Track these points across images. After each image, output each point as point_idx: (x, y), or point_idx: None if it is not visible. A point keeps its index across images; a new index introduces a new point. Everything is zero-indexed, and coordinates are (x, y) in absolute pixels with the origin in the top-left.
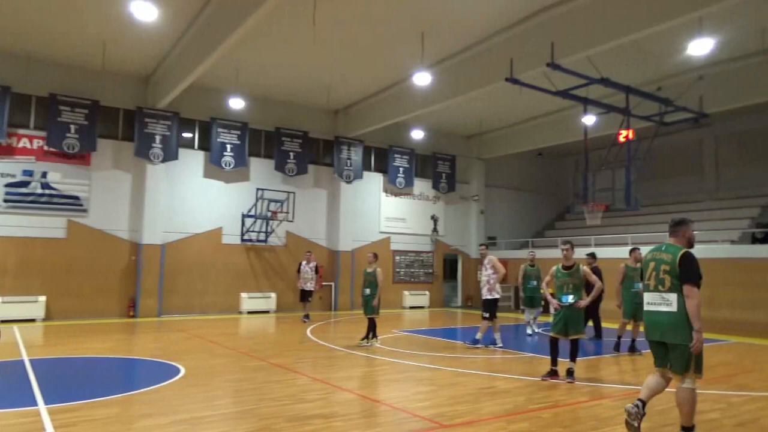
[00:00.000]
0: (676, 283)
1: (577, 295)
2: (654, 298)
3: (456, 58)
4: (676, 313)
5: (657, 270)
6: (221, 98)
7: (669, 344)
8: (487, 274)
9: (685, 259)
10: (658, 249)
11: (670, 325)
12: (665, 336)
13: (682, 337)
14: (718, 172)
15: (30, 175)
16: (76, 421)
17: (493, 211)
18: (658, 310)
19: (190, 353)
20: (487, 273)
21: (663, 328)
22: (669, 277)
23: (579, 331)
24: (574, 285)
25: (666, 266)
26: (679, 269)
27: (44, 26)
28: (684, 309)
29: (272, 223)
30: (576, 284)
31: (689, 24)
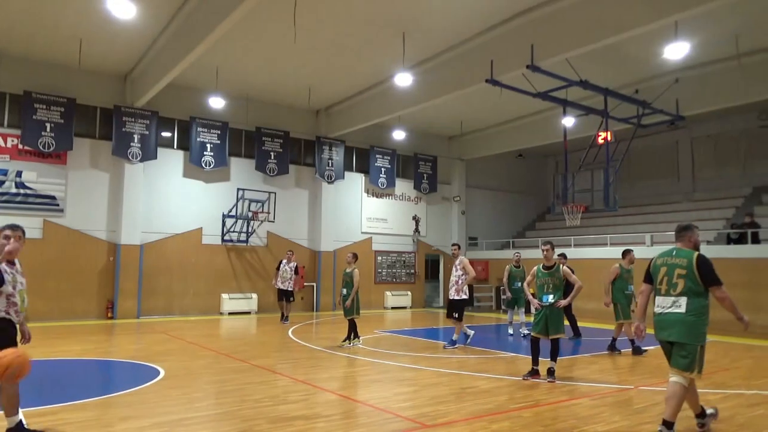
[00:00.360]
0: (690, 286)
1: (558, 295)
2: (665, 302)
3: (437, 59)
4: (684, 313)
5: (670, 275)
6: (201, 97)
7: (676, 343)
8: (457, 275)
9: (702, 262)
10: (669, 254)
11: (678, 325)
12: (673, 335)
13: (691, 338)
14: (694, 173)
15: (4, 174)
16: (54, 424)
17: (475, 212)
18: (669, 311)
19: (170, 355)
20: (457, 274)
21: (672, 328)
22: (683, 280)
23: (559, 331)
24: (554, 285)
25: (681, 270)
26: (699, 272)
27: (18, 22)
28: (693, 310)
29: (253, 223)
30: (556, 284)
31: (666, 28)
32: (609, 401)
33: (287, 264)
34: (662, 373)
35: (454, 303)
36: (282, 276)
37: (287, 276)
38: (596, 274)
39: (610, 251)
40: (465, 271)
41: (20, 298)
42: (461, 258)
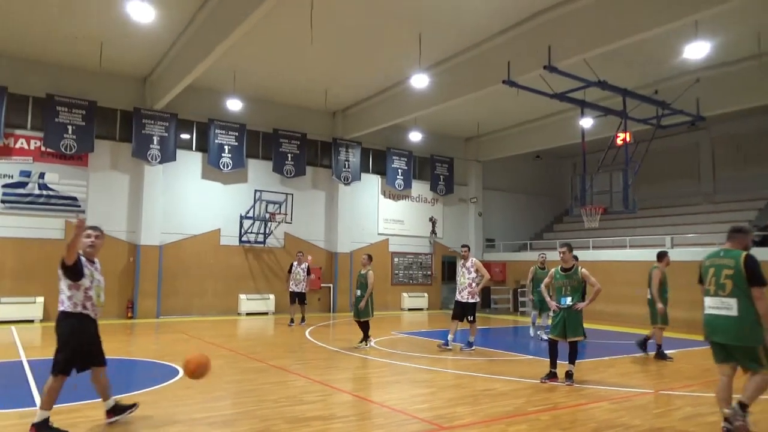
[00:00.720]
0: (739, 286)
1: (576, 297)
2: (714, 303)
3: (453, 61)
4: (737, 317)
5: (717, 275)
6: (219, 99)
7: (732, 346)
8: (471, 277)
9: (750, 262)
10: (716, 255)
11: (732, 330)
12: (729, 339)
13: (747, 340)
14: (715, 174)
15: (27, 175)
16: (75, 422)
17: (492, 214)
18: (719, 314)
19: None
20: (471, 276)
21: (726, 332)
22: (731, 281)
23: (578, 334)
24: (572, 287)
25: (729, 271)
26: (746, 271)
27: (41, 27)
28: (745, 312)
29: (270, 224)
30: (574, 286)
31: (685, 27)
32: (628, 405)
33: (298, 266)
34: (683, 378)
35: (469, 306)
36: (294, 278)
37: (300, 278)
38: (615, 276)
39: (630, 253)
40: (479, 273)
41: (96, 293)
42: (474, 260)
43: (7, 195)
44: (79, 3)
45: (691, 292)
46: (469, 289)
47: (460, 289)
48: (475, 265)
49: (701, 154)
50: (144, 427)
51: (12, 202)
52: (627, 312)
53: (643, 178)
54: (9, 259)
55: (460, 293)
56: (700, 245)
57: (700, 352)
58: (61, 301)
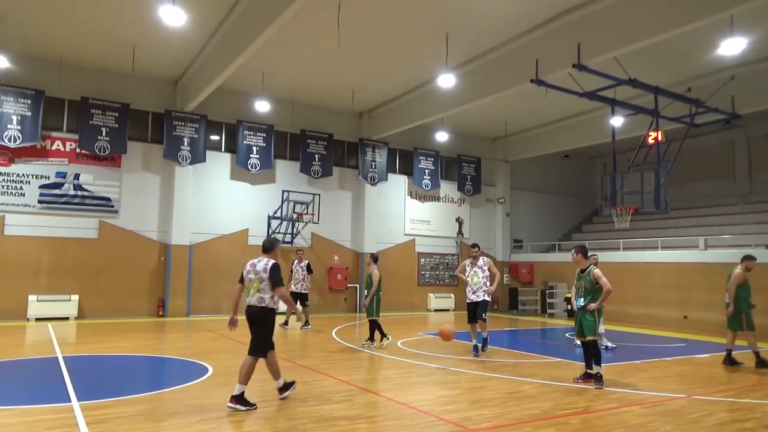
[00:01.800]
0: None
1: (588, 298)
2: None
3: (481, 60)
4: None
5: None
6: (247, 101)
7: None
8: (485, 276)
9: None
10: None
11: None
12: None
13: None
14: (751, 174)
15: (63, 176)
16: (108, 418)
17: (519, 214)
18: None
19: (218, 353)
20: (485, 275)
21: None
22: None
23: (591, 334)
24: (584, 288)
25: None
26: None
27: (76, 32)
28: None
29: (298, 224)
30: (587, 287)
31: (720, 23)
32: (660, 410)
33: (298, 264)
34: (717, 383)
35: (482, 304)
36: (294, 278)
37: (299, 277)
38: (647, 278)
39: (662, 255)
40: (491, 271)
41: None
42: (486, 258)
43: (44, 195)
44: (113, 9)
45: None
46: (485, 288)
47: (474, 289)
48: (488, 263)
49: (737, 153)
50: (173, 423)
51: (48, 203)
52: (659, 314)
53: (676, 177)
54: (45, 257)
55: (475, 293)
56: (735, 247)
57: (736, 356)
58: (264, 299)
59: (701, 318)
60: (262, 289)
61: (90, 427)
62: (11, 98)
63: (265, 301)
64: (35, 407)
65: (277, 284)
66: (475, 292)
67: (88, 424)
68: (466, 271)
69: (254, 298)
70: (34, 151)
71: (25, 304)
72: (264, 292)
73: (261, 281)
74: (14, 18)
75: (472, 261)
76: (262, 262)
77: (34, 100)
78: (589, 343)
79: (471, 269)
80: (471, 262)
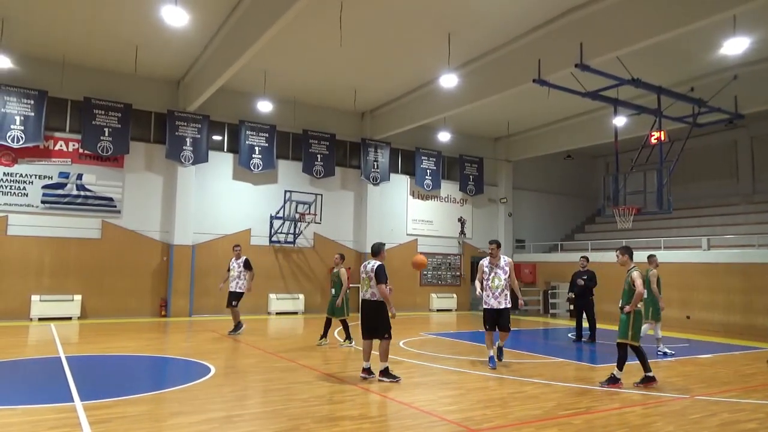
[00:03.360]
0: None
1: (624, 300)
2: None
3: (483, 60)
4: None
5: None
6: (250, 101)
7: None
8: (505, 278)
9: None
10: None
11: None
12: None
13: None
14: (755, 174)
15: (66, 177)
16: (110, 418)
17: (522, 214)
18: None
19: (220, 353)
20: (505, 277)
21: None
22: None
23: (623, 336)
24: (623, 291)
25: None
26: None
27: (79, 33)
28: None
29: (300, 224)
30: (625, 289)
31: (723, 23)
32: (663, 410)
33: (236, 260)
34: (720, 383)
35: (506, 312)
36: (231, 275)
37: (234, 274)
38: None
39: (664, 255)
40: (510, 273)
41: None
42: (508, 259)
43: (47, 195)
44: (116, 9)
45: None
46: (506, 292)
47: (494, 294)
48: (510, 265)
49: (740, 153)
50: (176, 424)
51: (51, 203)
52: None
53: (679, 177)
54: (48, 257)
55: (496, 298)
56: (738, 247)
57: (740, 356)
58: (375, 294)
59: (704, 318)
60: (372, 285)
61: (92, 427)
62: (14, 98)
63: (376, 295)
64: (38, 407)
65: (379, 281)
66: (497, 297)
67: (90, 424)
68: (485, 273)
69: (368, 293)
70: (37, 151)
71: (28, 304)
72: (375, 288)
73: (371, 279)
74: (17, 19)
75: (492, 261)
76: (371, 264)
77: (37, 100)
78: (618, 345)
79: (491, 271)
80: (491, 263)
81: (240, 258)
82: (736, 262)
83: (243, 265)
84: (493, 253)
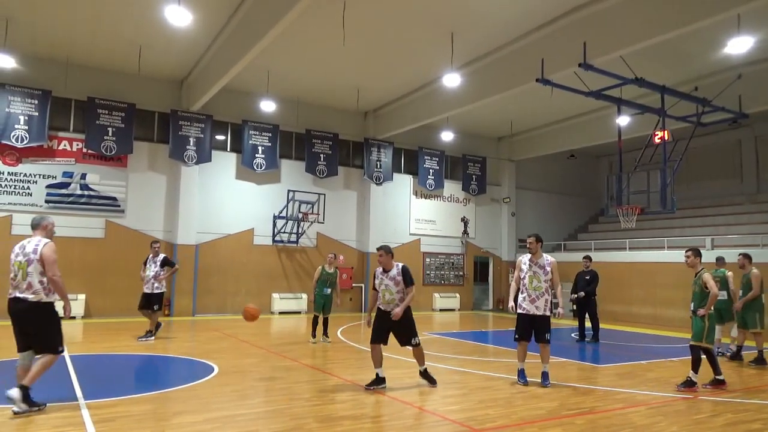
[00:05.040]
0: None
1: (696, 303)
2: None
3: (486, 59)
4: None
5: None
6: (253, 101)
7: None
8: (548, 279)
9: None
10: None
11: None
12: None
13: None
14: (759, 173)
15: (70, 176)
16: (114, 417)
17: (525, 214)
18: None
19: (224, 352)
20: (548, 278)
21: None
22: None
23: (697, 339)
24: (694, 293)
25: None
26: None
27: (82, 33)
28: None
29: (303, 224)
30: (696, 292)
31: (727, 22)
32: (667, 410)
33: (153, 258)
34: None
35: (545, 321)
36: (146, 274)
37: (150, 274)
38: (653, 278)
39: (668, 255)
40: (554, 275)
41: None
42: (551, 259)
43: (51, 195)
44: (119, 9)
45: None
46: (546, 296)
47: (533, 297)
48: (552, 265)
49: (744, 153)
50: (179, 423)
51: (55, 202)
52: (666, 314)
53: (683, 177)
54: None
55: (534, 302)
56: (742, 246)
57: (744, 356)
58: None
59: None
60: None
61: (96, 425)
62: (18, 98)
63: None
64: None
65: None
66: (535, 301)
67: (94, 423)
68: (522, 271)
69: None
70: (41, 151)
71: None
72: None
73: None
74: (21, 19)
75: (532, 259)
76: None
77: (41, 100)
78: (691, 348)
79: (529, 269)
80: (531, 261)
81: (158, 256)
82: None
83: (161, 265)
84: (532, 248)
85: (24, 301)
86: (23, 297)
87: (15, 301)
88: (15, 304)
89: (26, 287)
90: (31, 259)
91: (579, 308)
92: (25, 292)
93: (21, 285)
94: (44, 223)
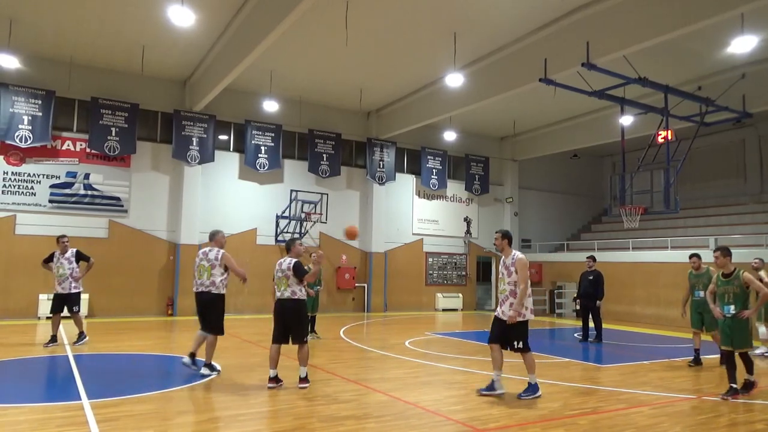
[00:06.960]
0: None
1: (739, 305)
2: None
3: (489, 59)
4: None
5: None
6: (256, 101)
7: None
8: (512, 281)
9: None
10: None
11: None
12: None
13: None
14: (763, 173)
15: (73, 176)
16: (117, 416)
17: (528, 214)
18: None
19: (226, 352)
20: (512, 279)
21: None
22: None
23: (745, 345)
24: (734, 294)
25: None
26: None
27: (86, 33)
28: None
29: (306, 224)
30: (737, 293)
31: (731, 21)
32: (670, 411)
33: (61, 255)
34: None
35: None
36: (58, 273)
37: (64, 272)
38: (656, 278)
39: (671, 255)
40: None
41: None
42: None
43: (54, 195)
44: (122, 10)
45: None
46: (512, 299)
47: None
48: (518, 263)
49: (748, 152)
50: (182, 422)
51: (59, 202)
52: (669, 315)
53: (686, 177)
54: None
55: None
56: (745, 246)
57: None
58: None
59: None
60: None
61: (100, 425)
62: (22, 98)
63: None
64: (46, 405)
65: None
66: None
67: (97, 422)
68: None
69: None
70: (45, 151)
71: (35, 303)
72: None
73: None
74: (25, 19)
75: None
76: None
77: (45, 100)
78: (741, 356)
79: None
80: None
81: (67, 251)
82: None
83: (75, 260)
84: (498, 245)
85: (208, 294)
86: (207, 291)
87: (200, 294)
88: (200, 297)
89: (210, 284)
90: (214, 264)
91: (582, 308)
92: (209, 287)
93: (205, 282)
94: (218, 236)
